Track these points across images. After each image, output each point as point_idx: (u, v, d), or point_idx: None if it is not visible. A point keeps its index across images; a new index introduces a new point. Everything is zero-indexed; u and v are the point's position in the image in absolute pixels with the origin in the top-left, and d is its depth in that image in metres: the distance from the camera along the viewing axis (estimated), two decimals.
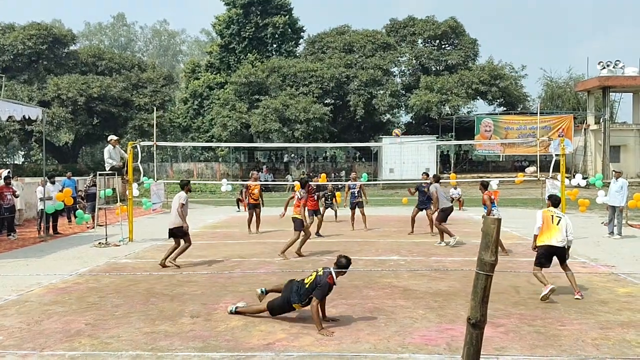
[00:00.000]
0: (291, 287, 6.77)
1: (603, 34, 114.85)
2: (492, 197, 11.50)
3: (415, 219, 14.96)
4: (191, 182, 12.80)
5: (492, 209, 11.38)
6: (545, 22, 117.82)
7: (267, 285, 7.53)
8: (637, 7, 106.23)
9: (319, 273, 6.62)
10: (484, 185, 11.89)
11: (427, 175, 15.28)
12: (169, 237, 10.87)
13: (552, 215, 8.25)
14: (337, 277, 6.62)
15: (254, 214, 15.74)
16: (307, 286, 6.61)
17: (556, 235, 8.03)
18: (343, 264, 6.67)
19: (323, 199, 16.75)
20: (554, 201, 8.67)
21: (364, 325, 6.61)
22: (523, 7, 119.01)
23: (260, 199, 16.10)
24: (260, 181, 34.60)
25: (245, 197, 16.05)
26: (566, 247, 8.09)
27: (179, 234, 10.66)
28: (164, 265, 10.41)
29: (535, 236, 8.25)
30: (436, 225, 13.14)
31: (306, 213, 11.87)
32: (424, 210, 14.84)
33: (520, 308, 7.34)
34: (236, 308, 7.19)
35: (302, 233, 11.48)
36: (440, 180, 13.58)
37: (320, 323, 6.40)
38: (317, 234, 14.68)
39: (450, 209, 12.99)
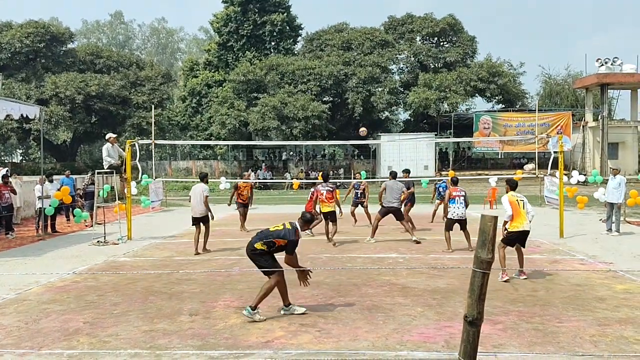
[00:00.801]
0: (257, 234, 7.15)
1: (602, 32, 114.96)
2: (452, 194, 11.67)
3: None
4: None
5: (450, 204, 11.60)
6: (544, 19, 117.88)
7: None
8: (635, 6, 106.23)
9: (287, 226, 6.94)
10: (453, 182, 12.23)
11: (408, 173, 15.51)
12: (193, 224, 11.97)
13: (517, 200, 8.98)
14: (302, 230, 7.12)
15: (242, 212, 15.76)
16: (270, 230, 6.98)
17: (526, 220, 8.89)
18: (308, 218, 7.20)
19: None
20: (514, 185, 9.36)
21: (362, 323, 6.62)
22: (522, 5, 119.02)
23: (250, 199, 16.04)
24: (259, 179, 34.70)
25: (234, 197, 15.97)
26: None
27: (204, 221, 11.80)
28: (202, 252, 11.76)
29: (505, 222, 8.94)
30: (375, 218, 13.30)
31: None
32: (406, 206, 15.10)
33: (518, 305, 7.35)
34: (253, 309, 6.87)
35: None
36: (397, 177, 13.74)
37: (299, 265, 7.04)
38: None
39: (390, 210, 12.98)
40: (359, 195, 16.35)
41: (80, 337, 6.26)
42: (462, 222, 11.72)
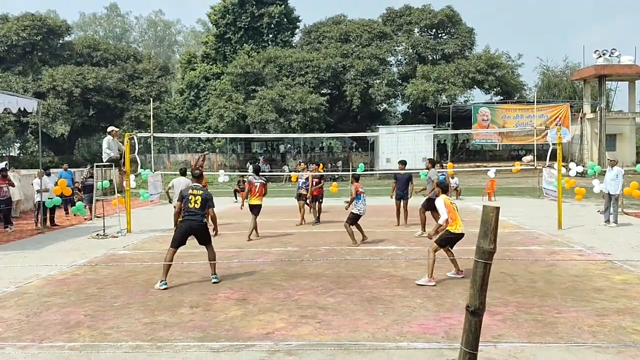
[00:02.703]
0: (191, 219, 8.29)
1: (600, 24, 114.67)
2: (358, 190, 11.49)
3: (400, 211, 14.63)
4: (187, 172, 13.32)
5: (356, 201, 11.46)
6: (542, 11, 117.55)
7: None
8: None
9: (200, 193, 8.32)
10: (355, 178, 12.08)
11: (404, 164, 14.98)
12: None
13: (451, 202, 8.42)
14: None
15: None
16: (199, 206, 8.29)
17: (461, 223, 8.30)
18: (197, 174, 8.96)
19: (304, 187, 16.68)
20: (446, 188, 8.82)
21: (362, 315, 6.65)
22: None
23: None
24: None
25: None
26: None
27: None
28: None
29: (440, 225, 8.35)
30: (420, 213, 12.80)
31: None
32: (402, 201, 14.60)
33: (517, 296, 7.38)
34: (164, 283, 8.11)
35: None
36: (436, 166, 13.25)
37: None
38: (317, 220, 15.37)
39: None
40: (300, 186, 15.82)
41: (81, 329, 6.27)
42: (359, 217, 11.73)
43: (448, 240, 8.35)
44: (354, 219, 11.64)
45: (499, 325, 6.17)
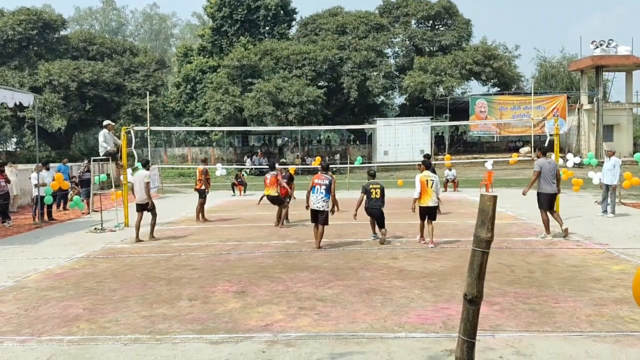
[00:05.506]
0: (373, 207, 10.53)
1: (597, 14, 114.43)
2: (315, 181, 11.00)
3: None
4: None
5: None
6: (539, 2, 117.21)
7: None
8: None
9: (378, 186, 10.54)
10: (323, 167, 11.30)
11: (428, 158, 14.94)
12: (137, 211, 12.14)
13: (427, 180, 10.17)
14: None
15: (201, 202, 14.89)
16: (379, 196, 10.47)
17: (432, 197, 10.16)
18: (372, 173, 11.12)
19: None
20: (427, 165, 10.79)
21: (360, 306, 6.66)
22: None
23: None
24: (255, 165, 34.67)
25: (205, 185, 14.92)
26: (438, 205, 10.47)
27: (147, 207, 12.08)
28: (149, 239, 11.97)
29: (415, 199, 10.26)
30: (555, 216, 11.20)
31: None
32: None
33: (515, 286, 7.41)
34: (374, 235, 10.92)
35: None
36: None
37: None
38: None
39: (553, 196, 11.22)
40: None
41: (80, 323, 6.28)
42: (320, 213, 10.39)
43: (421, 213, 10.29)
44: (313, 217, 10.57)
45: (497, 315, 6.19)
